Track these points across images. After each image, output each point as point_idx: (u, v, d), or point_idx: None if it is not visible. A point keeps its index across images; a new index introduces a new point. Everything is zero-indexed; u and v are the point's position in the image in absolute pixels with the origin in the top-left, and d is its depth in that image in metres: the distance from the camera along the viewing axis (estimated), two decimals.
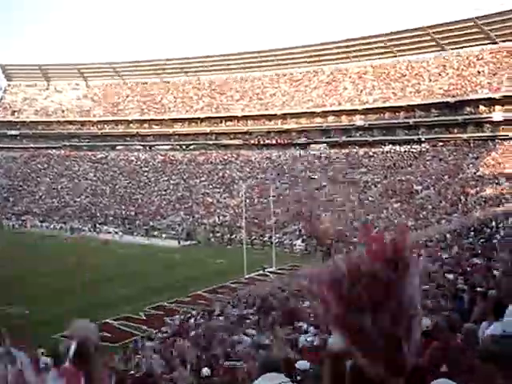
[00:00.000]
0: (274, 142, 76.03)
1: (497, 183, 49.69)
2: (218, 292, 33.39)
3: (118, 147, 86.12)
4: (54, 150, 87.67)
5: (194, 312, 26.83)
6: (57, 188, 76.36)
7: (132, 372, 13.96)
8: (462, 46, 70.48)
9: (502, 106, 59.75)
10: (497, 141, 59.36)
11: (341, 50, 78.52)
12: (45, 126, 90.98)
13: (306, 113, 74.98)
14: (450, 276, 14.76)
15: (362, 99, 71.67)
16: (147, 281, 36.17)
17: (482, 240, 22.79)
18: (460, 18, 66.76)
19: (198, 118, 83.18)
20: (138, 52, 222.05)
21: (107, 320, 27.49)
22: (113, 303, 30.43)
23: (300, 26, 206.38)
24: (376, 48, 76.01)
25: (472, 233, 26.37)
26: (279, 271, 38.88)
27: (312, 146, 72.55)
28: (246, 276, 37.54)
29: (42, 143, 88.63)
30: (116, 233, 58.81)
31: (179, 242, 53.27)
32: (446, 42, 70.62)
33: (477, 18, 65.30)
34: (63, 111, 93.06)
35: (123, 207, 67.22)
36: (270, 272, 38.83)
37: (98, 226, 61.91)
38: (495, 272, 13.54)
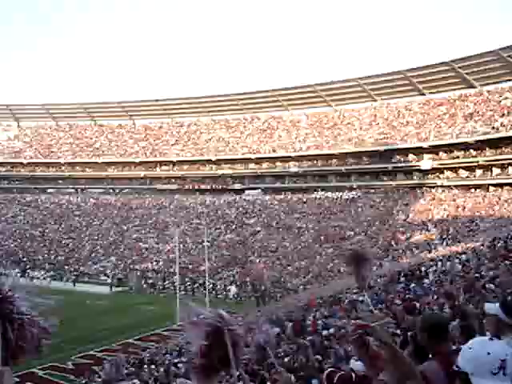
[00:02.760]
0: (208, 187, 76.12)
1: (426, 229, 51.10)
2: (150, 340, 32.67)
3: (49, 190, 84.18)
4: None
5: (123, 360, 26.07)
6: None
7: None
8: (392, 96, 73.23)
9: (430, 154, 62.01)
10: (425, 188, 61.37)
11: (275, 98, 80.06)
12: None
13: (240, 159, 75.63)
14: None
15: (295, 146, 72.91)
16: (76, 328, 35.01)
17: (412, 285, 23.20)
18: (389, 70, 69.47)
19: (133, 162, 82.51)
20: (71, 94, 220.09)
21: (32, 369, 26.36)
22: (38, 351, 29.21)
23: (235, 73, 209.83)
24: (310, 97, 77.97)
25: (403, 278, 26.85)
26: None
27: (247, 191, 73.01)
28: (179, 323, 36.92)
29: None
30: (44, 278, 56.92)
31: (111, 288, 52.03)
32: (377, 92, 73.23)
33: (405, 70, 68.06)
34: None
35: (52, 252, 65.30)
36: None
37: (26, 270, 59.82)
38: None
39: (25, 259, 63.62)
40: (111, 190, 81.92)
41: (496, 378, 1.94)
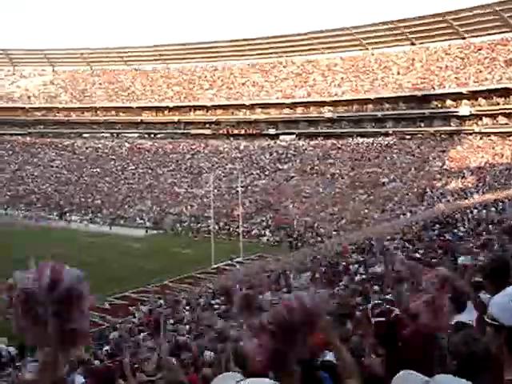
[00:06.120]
0: (242, 132, 75.86)
1: (462, 177, 50.42)
2: (185, 282, 33.29)
3: (85, 135, 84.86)
4: (19, 137, 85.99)
5: (160, 302, 26.66)
6: (22, 175, 75.01)
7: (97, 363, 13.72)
8: (430, 40, 71.24)
9: (469, 100, 60.55)
10: (462, 135, 60.19)
11: (311, 41, 78.61)
12: (10, 112, 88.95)
13: (275, 103, 74.95)
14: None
15: (330, 91, 71.88)
16: (113, 270, 35.86)
17: (445, 233, 23.04)
18: (429, 12, 67.42)
19: (167, 107, 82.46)
20: (107, 39, 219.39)
21: None
22: None
23: (271, 16, 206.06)
24: (346, 40, 76.40)
25: (437, 225, 26.65)
26: (247, 261, 38.89)
27: (281, 136, 72.59)
28: (214, 266, 37.49)
29: (6, 130, 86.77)
30: (81, 222, 58.12)
31: (146, 231, 52.93)
32: (415, 36, 71.28)
33: (446, 13, 65.94)
34: (29, 97, 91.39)
35: (89, 196, 66.39)
36: (238, 262, 38.82)
37: (63, 214, 61.18)
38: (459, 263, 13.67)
39: (62, 203, 64.86)
40: (146, 135, 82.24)
41: None
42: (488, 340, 2.21)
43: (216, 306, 20.63)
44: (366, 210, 50.03)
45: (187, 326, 17.20)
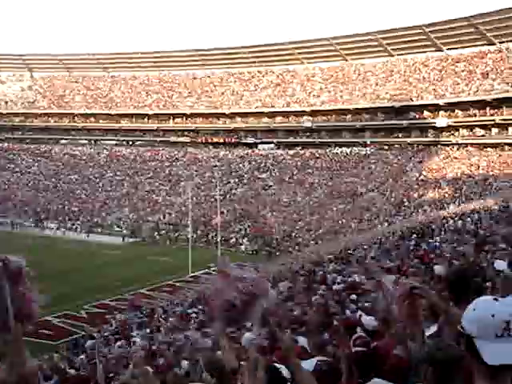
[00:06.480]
0: (221, 140, 75.83)
1: (439, 187, 50.89)
2: (162, 290, 33.15)
3: (63, 141, 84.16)
4: None
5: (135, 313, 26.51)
6: None
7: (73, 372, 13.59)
8: (408, 52, 71.97)
9: (446, 112, 61.24)
10: (439, 146, 60.83)
11: (290, 51, 78.95)
12: None
13: (254, 113, 75.11)
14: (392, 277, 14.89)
15: (309, 101, 72.23)
16: (89, 278, 35.55)
17: (422, 242, 23.19)
18: (407, 25, 68.13)
19: (146, 114, 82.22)
20: (85, 45, 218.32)
21: (47, 317, 26.88)
22: (53, 300, 29.75)
23: (251, 25, 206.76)
24: (325, 51, 76.82)
25: (414, 235, 26.83)
26: None
27: (259, 145, 72.71)
28: (191, 274, 37.38)
29: None
30: (58, 229, 57.53)
31: (123, 239, 52.57)
32: (394, 47, 71.92)
33: (424, 25, 66.70)
34: (6, 103, 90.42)
35: (66, 202, 65.77)
36: (215, 271, 38.70)
37: (40, 221, 60.47)
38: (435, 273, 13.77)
39: (39, 210, 64.14)
40: (124, 142, 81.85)
41: (500, 341, 1.90)
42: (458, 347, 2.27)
43: (193, 315, 20.54)
44: (344, 220, 50.26)
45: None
